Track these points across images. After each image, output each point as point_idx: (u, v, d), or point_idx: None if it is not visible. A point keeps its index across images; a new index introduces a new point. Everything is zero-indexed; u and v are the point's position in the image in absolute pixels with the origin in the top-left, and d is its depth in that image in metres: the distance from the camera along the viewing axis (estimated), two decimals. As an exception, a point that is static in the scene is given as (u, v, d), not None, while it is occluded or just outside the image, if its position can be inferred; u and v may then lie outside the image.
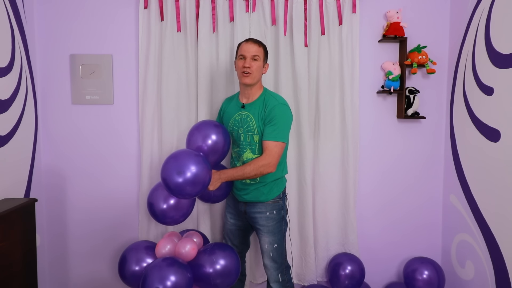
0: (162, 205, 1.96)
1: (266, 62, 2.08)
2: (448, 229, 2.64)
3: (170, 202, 1.96)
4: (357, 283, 2.46)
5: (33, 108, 2.41)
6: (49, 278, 2.56)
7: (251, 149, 2.03)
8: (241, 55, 2.01)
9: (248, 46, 2.00)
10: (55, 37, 2.46)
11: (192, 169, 1.81)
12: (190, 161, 1.83)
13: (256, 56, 1.99)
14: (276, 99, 2.02)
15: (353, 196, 2.57)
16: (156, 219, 2.02)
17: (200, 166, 1.83)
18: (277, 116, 1.95)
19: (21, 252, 1.93)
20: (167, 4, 2.41)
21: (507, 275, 2.03)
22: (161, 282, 1.78)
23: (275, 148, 1.94)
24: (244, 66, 1.97)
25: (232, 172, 1.97)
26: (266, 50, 2.07)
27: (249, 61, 1.97)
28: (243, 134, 2.03)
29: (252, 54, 1.98)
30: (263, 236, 2.07)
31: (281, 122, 1.95)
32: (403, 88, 2.52)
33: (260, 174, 1.94)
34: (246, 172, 1.93)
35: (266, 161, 1.93)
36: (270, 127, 1.95)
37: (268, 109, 1.97)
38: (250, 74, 1.97)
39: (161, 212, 1.97)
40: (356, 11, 2.48)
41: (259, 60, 2.00)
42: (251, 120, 2.02)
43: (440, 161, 2.68)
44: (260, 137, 2.00)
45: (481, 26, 2.26)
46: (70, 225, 2.55)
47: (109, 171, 2.54)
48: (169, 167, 1.84)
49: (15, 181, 2.19)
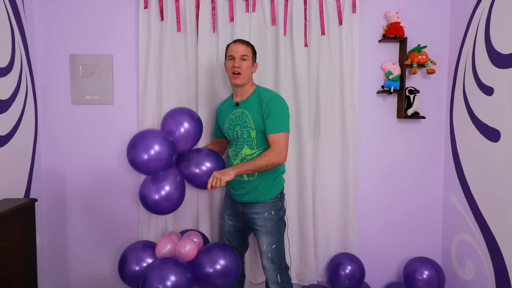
0: (154, 196, 2.02)
1: (255, 62, 2.11)
2: (448, 229, 2.64)
3: (161, 192, 2.02)
4: (357, 283, 2.46)
5: (33, 108, 2.41)
6: (49, 278, 2.56)
7: (249, 145, 2.03)
8: (230, 56, 2.04)
9: (236, 46, 2.03)
10: (55, 37, 2.46)
11: (155, 146, 1.95)
12: (149, 137, 1.98)
13: (245, 56, 2.02)
14: (270, 92, 2.07)
15: (353, 196, 2.57)
16: (149, 210, 2.08)
17: (157, 140, 1.97)
18: (275, 108, 1.98)
19: (21, 252, 1.93)
20: (167, 4, 2.41)
21: (507, 275, 2.03)
22: (161, 282, 1.78)
23: (282, 138, 1.97)
24: (233, 66, 2.00)
25: (244, 164, 1.94)
26: (254, 50, 2.11)
27: (239, 61, 2.00)
28: (240, 131, 2.04)
29: (240, 54, 2.01)
30: (261, 237, 2.07)
31: (280, 113, 1.98)
32: (403, 88, 2.52)
33: (272, 165, 1.94)
34: (257, 164, 1.92)
35: (277, 151, 1.94)
36: (271, 120, 1.97)
37: (264, 102, 1.99)
38: (240, 75, 2.01)
39: (154, 202, 2.02)
40: (356, 11, 2.48)
41: (248, 60, 2.03)
42: (247, 116, 2.02)
43: (440, 161, 2.69)
44: (257, 132, 2.01)
45: (481, 26, 2.26)
46: (70, 225, 2.56)
47: (109, 171, 2.53)
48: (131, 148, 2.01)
49: (15, 181, 2.19)
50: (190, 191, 2.52)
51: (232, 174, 1.88)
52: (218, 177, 1.84)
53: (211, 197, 2.51)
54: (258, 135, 2.02)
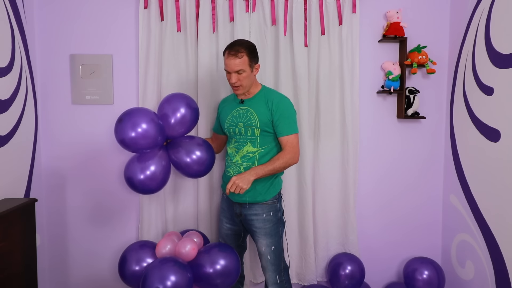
0: (140, 176, 1.96)
1: (256, 63, 2.01)
2: (448, 229, 2.64)
3: (146, 172, 1.97)
4: (357, 283, 2.46)
5: (33, 108, 2.41)
6: (49, 278, 2.56)
7: (252, 142, 2.03)
8: (226, 70, 1.99)
9: (229, 61, 1.93)
10: (55, 37, 2.46)
11: (142, 124, 1.90)
12: (137, 115, 1.93)
13: (240, 70, 1.94)
14: (277, 93, 2.08)
15: (353, 196, 2.57)
16: (136, 191, 2.03)
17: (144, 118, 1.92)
18: (285, 110, 2.01)
19: (21, 252, 1.93)
20: (167, 4, 2.41)
21: (507, 275, 2.03)
22: (161, 282, 1.78)
23: (294, 140, 2.02)
24: (231, 82, 1.98)
25: (262, 168, 1.94)
26: (251, 52, 1.97)
27: (235, 77, 1.95)
28: (243, 128, 2.03)
29: (235, 69, 1.93)
30: (260, 238, 2.06)
31: (290, 114, 2.03)
32: (403, 88, 2.52)
33: (288, 166, 2.02)
34: (276, 166, 1.96)
35: (292, 153, 2.00)
36: (283, 122, 1.99)
37: (274, 104, 1.99)
38: (240, 87, 1.99)
39: (140, 182, 1.97)
40: (356, 11, 2.48)
41: (245, 71, 1.95)
42: (252, 114, 2.01)
43: (440, 161, 2.69)
44: (261, 131, 2.00)
45: (481, 26, 2.26)
46: (70, 225, 2.55)
47: (109, 171, 2.53)
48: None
49: (15, 181, 2.19)
50: (190, 191, 2.53)
51: (252, 181, 1.90)
52: (239, 186, 1.85)
53: (211, 198, 2.51)
54: (262, 134, 2.02)
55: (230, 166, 2.08)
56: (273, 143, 2.05)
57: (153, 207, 2.50)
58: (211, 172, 2.50)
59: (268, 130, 2.01)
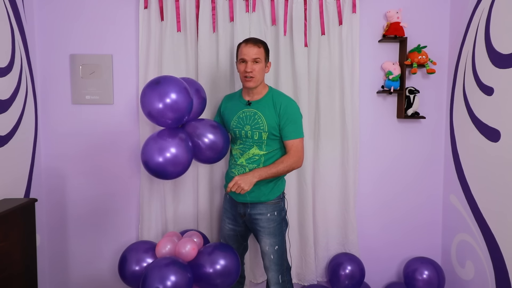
0: (158, 159, 1.86)
1: (268, 61, 2.06)
2: (448, 229, 2.64)
3: (166, 154, 1.86)
4: (357, 283, 2.46)
5: (33, 108, 2.41)
6: (49, 278, 2.56)
7: (258, 146, 2.02)
8: (242, 58, 1.98)
9: (247, 49, 1.96)
10: (55, 37, 2.46)
11: (172, 95, 1.83)
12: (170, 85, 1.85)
13: (258, 59, 1.96)
14: (284, 96, 2.07)
15: (353, 196, 2.57)
16: (155, 175, 1.93)
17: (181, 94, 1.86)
18: (293, 114, 2.00)
19: (21, 252, 1.93)
20: (167, 4, 2.41)
21: (507, 275, 2.04)
22: (161, 282, 1.78)
23: (300, 144, 2.02)
24: (245, 70, 1.96)
25: (266, 170, 1.94)
26: (267, 48, 2.04)
27: (251, 65, 1.95)
28: (250, 131, 2.01)
29: (252, 57, 1.95)
30: (263, 238, 2.06)
31: (297, 119, 2.03)
32: (403, 88, 2.52)
33: (291, 170, 2.03)
34: (279, 170, 1.97)
35: (297, 157, 2.00)
36: (290, 126, 1.99)
37: (282, 108, 1.98)
38: (253, 78, 1.96)
39: (157, 165, 1.87)
40: (356, 11, 2.48)
41: (260, 62, 1.97)
42: (259, 118, 2.00)
43: (440, 161, 2.69)
44: (269, 134, 1.99)
45: (481, 26, 2.26)
46: (70, 225, 2.55)
47: (109, 171, 2.54)
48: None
49: (15, 181, 2.19)
50: (190, 191, 2.53)
51: (254, 182, 1.90)
52: (241, 187, 1.85)
53: (211, 198, 2.51)
54: (269, 138, 2.01)
55: (234, 167, 2.08)
56: (278, 146, 2.05)
57: (153, 207, 2.50)
58: (211, 172, 2.51)
59: (275, 133, 2.01)
